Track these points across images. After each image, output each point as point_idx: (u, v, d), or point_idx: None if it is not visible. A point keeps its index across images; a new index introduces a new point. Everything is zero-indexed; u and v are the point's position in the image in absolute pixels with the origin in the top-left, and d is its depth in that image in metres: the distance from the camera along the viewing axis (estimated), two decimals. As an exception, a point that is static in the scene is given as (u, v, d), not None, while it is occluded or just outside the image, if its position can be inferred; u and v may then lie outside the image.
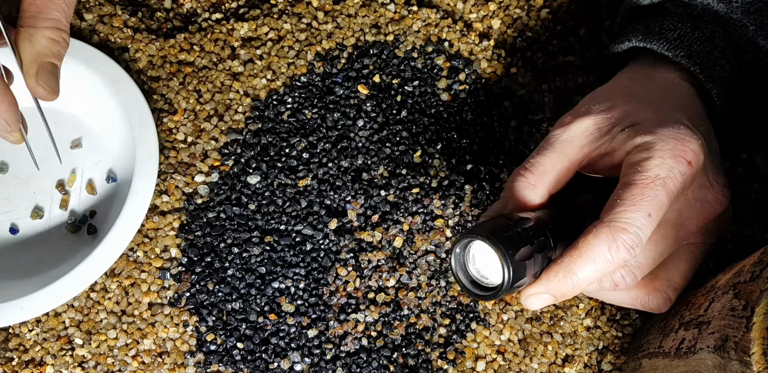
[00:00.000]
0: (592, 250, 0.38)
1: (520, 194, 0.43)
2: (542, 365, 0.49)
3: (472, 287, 0.41)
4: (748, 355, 0.32)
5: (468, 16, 0.58)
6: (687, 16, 0.47)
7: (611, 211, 0.39)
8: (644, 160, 0.39)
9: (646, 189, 0.38)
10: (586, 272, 0.39)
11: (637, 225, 0.38)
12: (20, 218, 0.55)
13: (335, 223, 0.52)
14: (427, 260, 0.51)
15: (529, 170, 0.43)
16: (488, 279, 0.41)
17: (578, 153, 0.43)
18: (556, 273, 0.39)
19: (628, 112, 0.43)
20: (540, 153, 0.43)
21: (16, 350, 0.51)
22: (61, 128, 0.57)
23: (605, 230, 0.38)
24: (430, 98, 0.55)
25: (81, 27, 0.58)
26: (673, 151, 0.39)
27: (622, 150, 0.41)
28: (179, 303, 0.51)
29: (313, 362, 0.49)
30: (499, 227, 0.40)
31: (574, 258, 0.39)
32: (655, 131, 0.40)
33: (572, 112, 0.44)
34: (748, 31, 0.46)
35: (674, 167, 0.39)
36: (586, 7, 0.58)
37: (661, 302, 0.44)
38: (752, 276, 0.35)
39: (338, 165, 0.53)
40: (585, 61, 0.56)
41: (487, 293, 0.40)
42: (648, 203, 0.38)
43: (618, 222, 0.38)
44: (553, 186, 0.43)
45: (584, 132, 0.43)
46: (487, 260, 0.41)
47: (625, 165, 0.41)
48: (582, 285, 0.39)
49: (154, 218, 0.53)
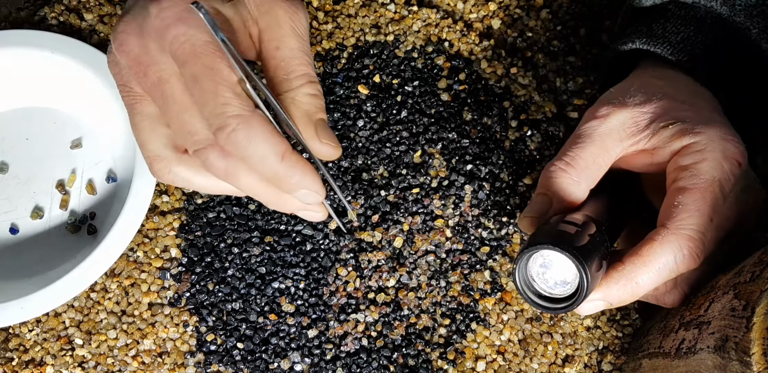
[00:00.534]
0: (658, 259, 0.37)
1: (565, 191, 0.40)
2: (542, 366, 0.49)
3: (538, 299, 0.39)
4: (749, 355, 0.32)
5: (468, 16, 0.58)
6: (690, 18, 0.47)
7: (675, 217, 0.37)
8: (698, 162, 0.38)
9: (706, 193, 0.37)
10: (647, 281, 0.37)
11: (702, 232, 0.37)
12: (20, 218, 0.55)
13: (335, 223, 0.52)
14: (427, 260, 0.51)
15: (571, 165, 0.40)
16: (555, 290, 0.39)
17: (617, 147, 0.41)
18: (617, 281, 0.38)
19: (665, 108, 0.41)
20: (578, 146, 0.41)
21: (16, 350, 0.51)
22: (61, 128, 0.57)
23: (672, 238, 0.37)
24: (430, 98, 0.55)
25: (81, 27, 0.58)
26: (724, 153, 0.39)
27: (668, 149, 0.40)
28: (179, 303, 0.51)
29: (313, 362, 0.49)
30: (564, 233, 0.37)
31: (638, 266, 0.37)
32: (702, 131, 0.39)
33: (605, 104, 0.42)
34: (751, 34, 0.46)
35: (727, 169, 0.38)
36: (586, 8, 0.58)
37: (677, 299, 0.43)
38: (752, 276, 0.35)
39: (338, 165, 0.53)
40: (585, 62, 0.56)
41: (558, 306, 0.38)
42: (710, 207, 0.37)
43: (684, 230, 0.37)
44: (594, 181, 0.41)
45: (622, 125, 0.41)
46: (555, 268, 0.38)
47: (674, 167, 0.39)
48: (640, 293, 0.38)
49: (154, 218, 0.53)
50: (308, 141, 0.39)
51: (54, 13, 0.58)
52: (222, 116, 0.35)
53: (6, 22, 0.59)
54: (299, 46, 0.40)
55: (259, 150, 0.36)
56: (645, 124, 0.41)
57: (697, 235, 0.37)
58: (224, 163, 0.37)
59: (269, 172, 0.37)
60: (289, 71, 0.39)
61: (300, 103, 0.39)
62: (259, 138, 0.35)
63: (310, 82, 0.39)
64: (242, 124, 0.35)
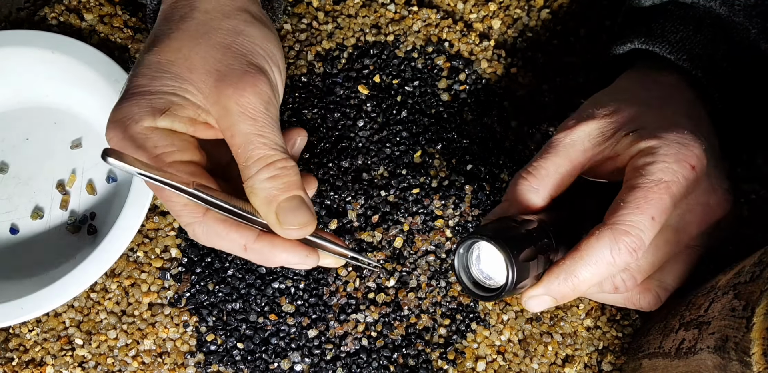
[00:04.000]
0: (594, 253, 0.38)
1: (522, 196, 0.42)
2: (542, 366, 0.49)
3: (474, 287, 0.41)
4: (749, 355, 0.32)
5: (468, 17, 0.58)
6: (689, 18, 0.47)
7: (614, 214, 0.38)
8: (648, 164, 0.39)
9: (650, 193, 0.38)
10: (587, 275, 0.38)
11: (640, 228, 0.38)
12: (20, 218, 0.55)
13: (335, 223, 0.52)
14: (427, 260, 0.51)
15: (532, 174, 0.42)
16: (491, 280, 0.41)
17: (581, 157, 0.43)
18: (557, 275, 0.39)
19: (632, 116, 0.42)
20: (542, 157, 0.43)
21: (17, 351, 0.51)
22: (61, 128, 0.57)
23: (608, 232, 0.38)
24: (430, 98, 0.55)
25: (81, 27, 0.58)
26: (677, 156, 0.39)
27: (626, 154, 0.41)
28: (179, 303, 0.51)
29: (313, 362, 0.49)
30: (503, 228, 0.39)
31: (576, 261, 0.38)
32: (660, 136, 0.40)
33: (575, 115, 0.44)
34: (750, 34, 0.46)
35: (678, 172, 0.39)
36: (586, 8, 0.58)
37: (651, 301, 0.45)
38: (752, 276, 0.35)
39: (338, 165, 0.53)
40: (585, 62, 0.56)
41: (489, 294, 0.40)
42: (652, 206, 0.38)
43: (621, 225, 0.38)
44: (555, 189, 0.43)
45: (588, 136, 0.43)
46: (490, 260, 0.41)
47: (629, 169, 0.40)
48: (583, 288, 0.39)
49: (154, 218, 0.53)
50: (273, 227, 0.41)
51: (54, 13, 0.58)
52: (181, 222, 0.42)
53: (6, 22, 0.59)
54: (252, 130, 0.40)
55: (223, 245, 0.42)
56: (611, 134, 0.42)
57: (633, 230, 0.38)
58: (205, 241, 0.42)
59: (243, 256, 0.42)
60: (246, 158, 0.40)
61: (258, 190, 0.40)
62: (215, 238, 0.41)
63: (267, 165, 0.40)
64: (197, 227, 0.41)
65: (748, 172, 0.53)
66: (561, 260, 0.39)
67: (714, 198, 0.43)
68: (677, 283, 0.45)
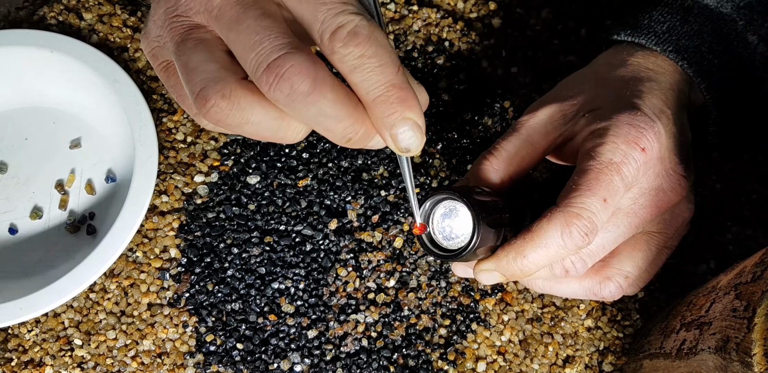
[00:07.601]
0: (545, 234, 0.38)
1: (483, 176, 0.43)
2: (543, 366, 0.49)
3: (431, 245, 0.41)
4: (750, 356, 0.32)
5: (468, 16, 0.58)
6: (677, 8, 0.47)
7: (566, 196, 0.38)
8: (597, 145, 0.39)
9: (600, 174, 0.38)
10: (536, 256, 0.38)
11: (591, 210, 0.38)
12: (19, 218, 0.55)
13: (335, 223, 0.52)
14: (427, 261, 0.51)
15: (493, 154, 0.43)
16: (449, 241, 0.41)
17: (542, 139, 0.43)
18: (507, 253, 0.39)
19: (592, 98, 0.43)
20: (505, 139, 0.43)
21: (15, 351, 0.51)
22: (61, 128, 0.57)
23: (559, 215, 0.38)
24: (431, 98, 0.55)
25: (80, 26, 0.58)
26: (626, 137, 0.39)
27: (580, 136, 0.41)
28: (179, 304, 0.51)
29: (313, 362, 0.49)
30: (473, 191, 0.40)
31: (527, 241, 0.38)
32: (611, 117, 0.40)
33: (541, 98, 0.45)
34: (737, 26, 0.46)
35: (627, 153, 0.39)
36: (586, 7, 0.58)
37: (613, 291, 0.44)
38: (753, 277, 0.35)
39: (338, 165, 0.53)
40: (586, 61, 0.56)
41: (446, 254, 0.40)
42: (603, 188, 0.38)
43: (572, 207, 0.38)
44: (516, 171, 0.43)
45: (549, 118, 0.43)
46: (453, 221, 0.40)
47: (581, 151, 0.41)
48: (531, 268, 0.39)
49: (154, 218, 0.53)
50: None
51: (53, 13, 0.58)
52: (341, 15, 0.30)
53: (5, 22, 0.59)
54: None
55: (380, 53, 0.31)
56: (571, 116, 0.43)
57: (585, 213, 0.38)
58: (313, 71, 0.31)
59: (380, 84, 0.31)
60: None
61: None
62: (374, 43, 0.30)
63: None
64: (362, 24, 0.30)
65: (748, 172, 0.53)
66: (513, 240, 0.39)
67: (667, 182, 0.42)
68: (638, 271, 0.44)
